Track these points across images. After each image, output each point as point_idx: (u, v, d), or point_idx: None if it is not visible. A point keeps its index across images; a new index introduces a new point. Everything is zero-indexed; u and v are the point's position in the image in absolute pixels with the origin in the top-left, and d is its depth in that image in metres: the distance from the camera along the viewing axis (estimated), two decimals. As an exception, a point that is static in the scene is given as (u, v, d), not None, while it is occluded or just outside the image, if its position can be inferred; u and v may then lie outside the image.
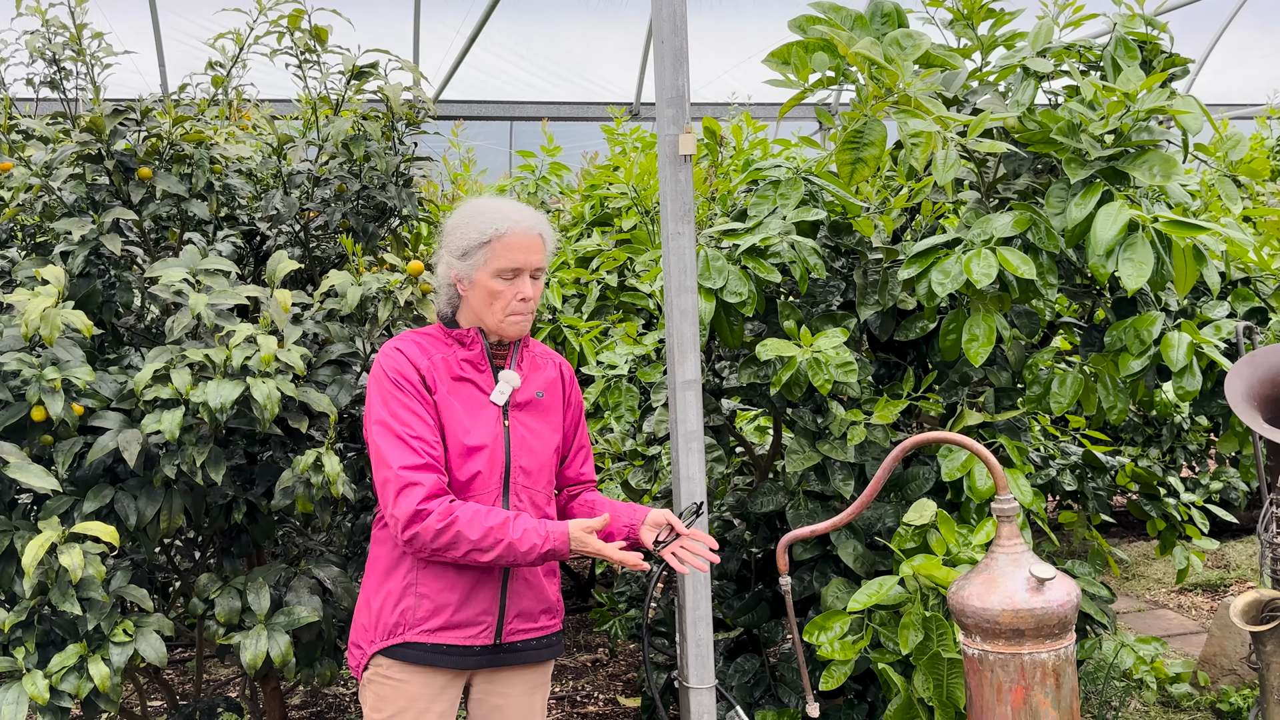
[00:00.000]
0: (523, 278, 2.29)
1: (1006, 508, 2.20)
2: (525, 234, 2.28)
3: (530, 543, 2.16)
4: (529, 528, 2.18)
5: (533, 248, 2.31)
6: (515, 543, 2.16)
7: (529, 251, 2.29)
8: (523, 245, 2.27)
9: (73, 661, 2.27)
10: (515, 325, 2.32)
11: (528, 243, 2.28)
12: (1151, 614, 5.38)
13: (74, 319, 2.33)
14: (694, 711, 2.90)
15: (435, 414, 2.26)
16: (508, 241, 2.26)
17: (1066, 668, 2.12)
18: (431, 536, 2.16)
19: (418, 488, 2.16)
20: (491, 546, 2.15)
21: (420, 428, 2.22)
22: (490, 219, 2.27)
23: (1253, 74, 10.23)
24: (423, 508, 2.15)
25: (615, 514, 2.46)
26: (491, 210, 2.30)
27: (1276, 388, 2.88)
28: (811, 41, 2.67)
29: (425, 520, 2.15)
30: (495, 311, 2.29)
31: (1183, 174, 2.76)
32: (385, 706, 2.28)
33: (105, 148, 2.63)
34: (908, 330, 3.21)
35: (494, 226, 2.27)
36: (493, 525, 2.16)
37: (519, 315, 2.31)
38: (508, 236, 2.26)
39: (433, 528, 2.15)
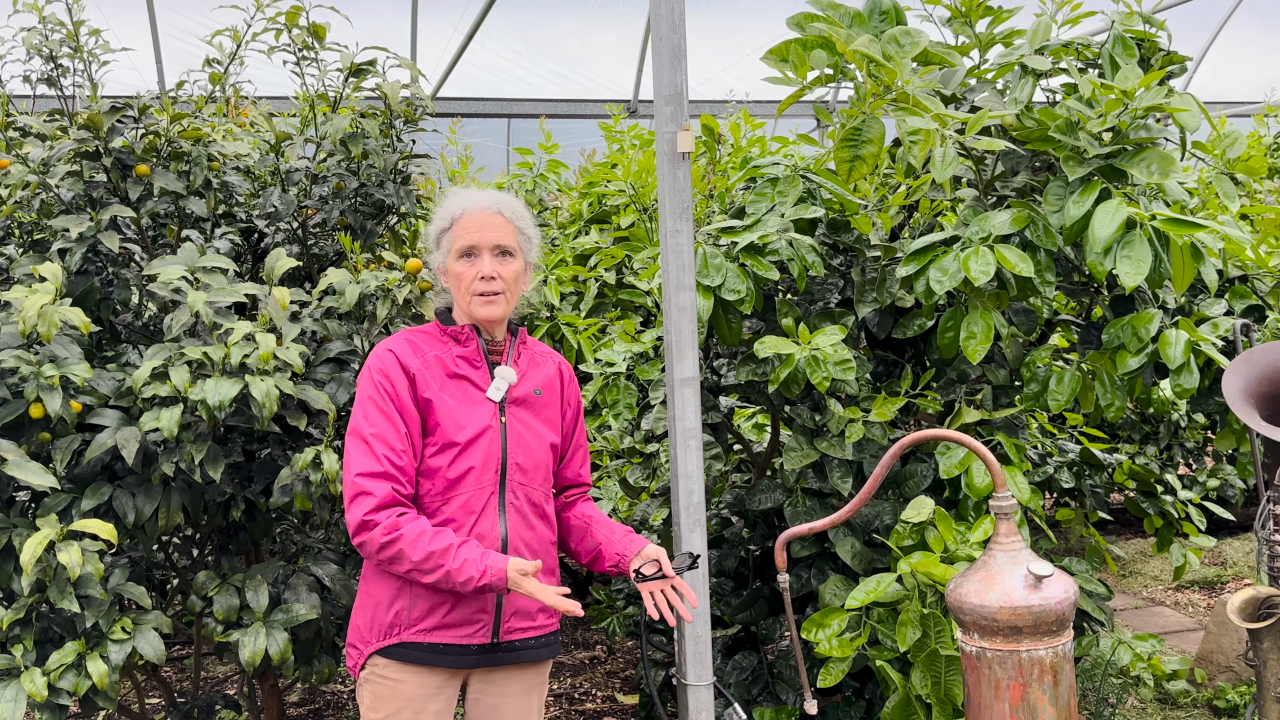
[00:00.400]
0: (481, 256, 2.30)
1: (1004, 505, 2.20)
2: (480, 213, 2.31)
3: (468, 574, 2.14)
4: (470, 559, 2.15)
5: (488, 225, 2.32)
6: (454, 572, 2.14)
7: (484, 230, 2.30)
8: (477, 224, 2.30)
9: (71, 659, 2.27)
10: (484, 307, 2.30)
11: (482, 221, 2.30)
12: (1148, 611, 5.39)
13: (72, 316, 2.32)
14: (692, 708, 2.90)
15: (418, 420, 2.25)
16: (463, 223, 2.30)
17: (1064, 665, 2.13)
18: (377, 548, 2.16)
19: (368, 498, 2.16)
20: (432, 570, 2.15)
21: (389, 435, 2.21)
22: (450, 205, 2.33)
23: (1250, 72, 10.24)
24: (369, 518, 2.16)
25: (609, 539, 2.46)
26: (453, 197, 2.35)
27: (1274, 385, 2.88)
28: (810, 39, 2.67)
29: (371, 531, 2.16)
30: (463, 296, 2.31)
31: (1181, 172, 2.76)
32: (382, 706, 2.28)
33: (103, 145, 2.63)
34: (906, 328, 3.21)
35: (451, 213, 2.32)
36: (434, 550, 2.15)
37: (484, 296, 2.30)
38: (462, 218, 2.30)
39: (378, 540, 2.15)
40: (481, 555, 2.16)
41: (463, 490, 2.25)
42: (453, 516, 2.24)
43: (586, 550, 2.51)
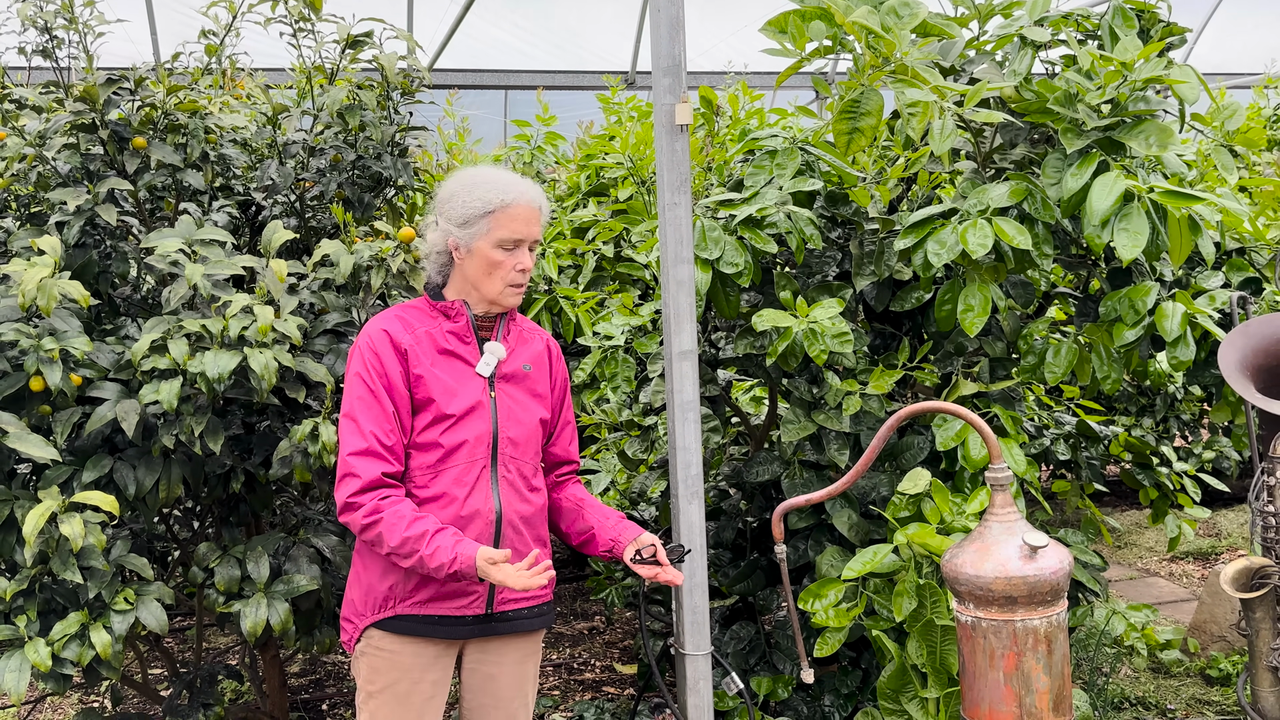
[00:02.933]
0: (523, 249, 2.30)
1: (1000, 476, 2.22)
2: (528, 206, 2.29)
3: (439, 561, 2.15)
4: (441, 547, 2.16)
5: (534, 220, 2.32)
6: (426, 558, 2.16)
7: (530, 224, 2.29)
8: (525, 217, 2.28)
9: (74, 629, 2.28)
10: (513, 296, 2.33)
11: (529, 215, 2.29)
12: (1143, 582, 5.43)
13: (71, 289, 2.33)
14: (690, 677, 2.93)
15: (407, 398, 2.26)
16: (511, 213, 2.27)
17: (1058, 634, 2.15)
18: (359, 530, 2.19)
19: (354, 479, 2.18)
20: (408, 555, 2.17)
21: (377, 414, 2.22)
22: (495, 189, 2.28)
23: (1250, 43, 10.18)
24: (353, 500, 2.18)
25: (602, 524, 2.49)
26: (496, 180, 2.30)
27: (1270, 357, 2.89)
28: (808, 10, 2.66)
29: (353, 513, 2.18)
30: (495, 281, 2.29)
31: (1179, 144, 2.76)
32: (378, 678, 2.30)
33: (99, 117, 2.62)
34: (903, 301, 3.22)
35: (499, 197, 2.27)
36: (410, 536, 2.16)
37: (517, 286, 2.32)
38: (512, 208, 2.27)
39: (359, 522, 2.18)
40: (454, 544, 2.16)
41: (455, 464, 2.26)
42: (445, 490, 2.25)
43: (578, 532, 2.53)
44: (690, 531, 2.89)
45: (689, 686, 2.93)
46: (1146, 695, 3.97)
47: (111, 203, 2.61)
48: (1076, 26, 3.11)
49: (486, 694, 2.39)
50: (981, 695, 2.16)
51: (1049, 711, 2.12)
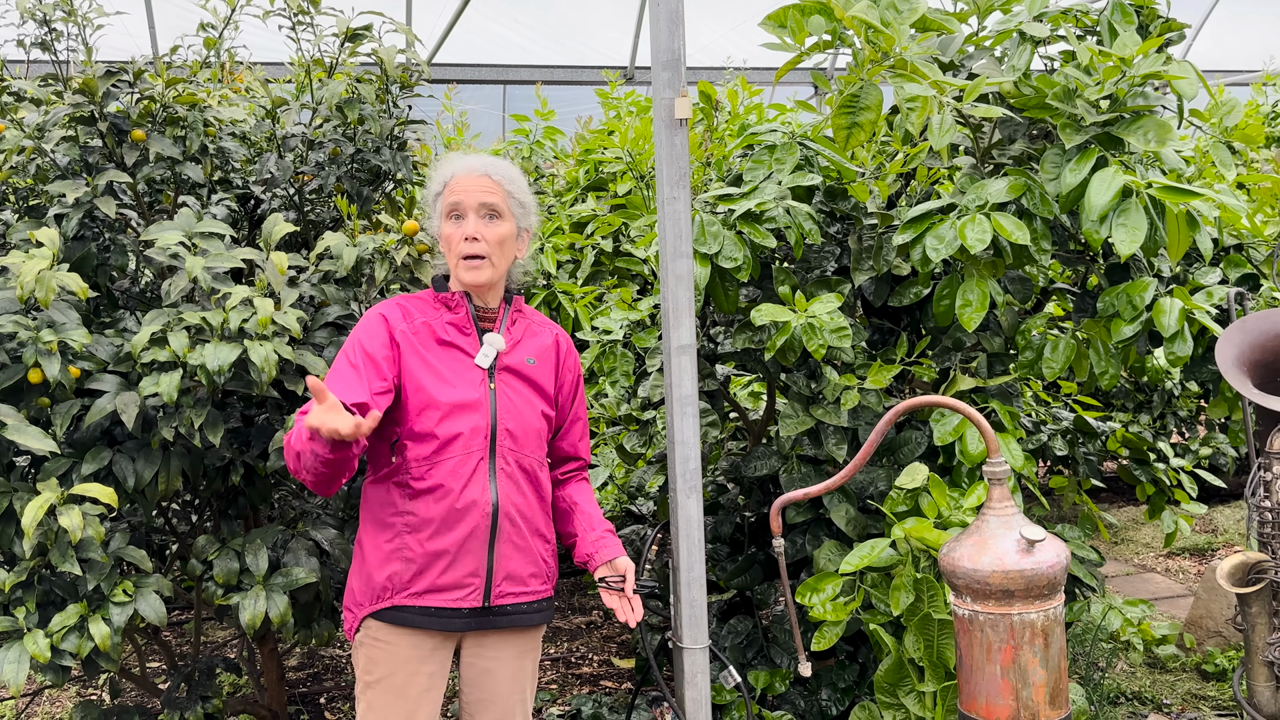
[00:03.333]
0: (467, 216, 2.30)
1: (997, 471, 2.22)
2: (469, 174, 2.32)
3: (295, 432, 2.08)
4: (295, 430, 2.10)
5: (476, 187, 2.32)
6: (290, 440, 2.09)
7: (470, 192, 2.30)
8: (465, 186, 2.31)
9: (73, 621, 2.29)
10: (469, 271, 2.30)
11: (470, 183, 2.31)
12: (1139, 577, 5.44)
13: (69, 281, 2.33)
14: (687, 671, 2.94)
15: (388, 380, 2.23)
16: (452, 185, 2.32)
17: (1055, 628, 2.15)
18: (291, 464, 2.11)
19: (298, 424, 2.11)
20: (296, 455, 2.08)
21: (346, 381, 2.18)
22: (443, 170, 2.35)
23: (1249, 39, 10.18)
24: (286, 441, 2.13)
25: (585, 536, 2.51)
26: (446, 162, 2.36)
27: (1267, 353, 2.90)
28: (808, 4, 2.66)
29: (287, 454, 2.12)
30: (452, 259, 2.32)
31: (1177, 140, 2.76)
32: (376, 669, 2.30)
33: (98, 110, 2.61)
34: (901, 296, 3.22)
35: (444, 176, 2.34)
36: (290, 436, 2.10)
37: (469, 260, 2.30)
38: (453, 180, 2.32)
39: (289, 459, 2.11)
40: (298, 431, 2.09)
41: (451, 455, 2.25)
42: (442, 482, 2.25)
43: (565, 535, 2.56)
44: (688, 525, 2.90)
45: (686, 680, 2.94)
46: (1143, 690, 3.98)
47: (110, 195, 2.61)
48: (1075, 22, 3.11)
49: (483, 688, 2.39)
50: (979, 688, 2.17)
51: (1046, 704, 2.13)
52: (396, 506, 2.26)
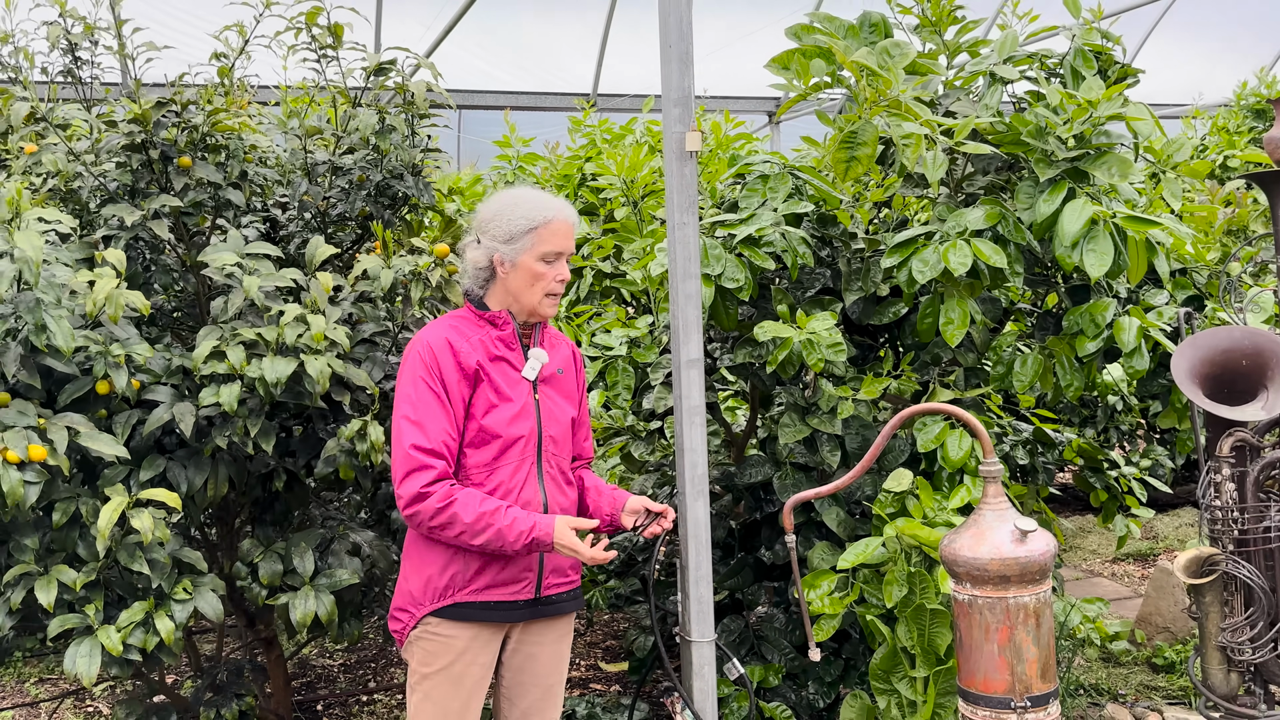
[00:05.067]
0: (561, 261, 2.52)
1: (992, 470, 2.48)
2: (565, 222, 2.51)
3: (518, 530, 2.37)
4: (519, 516, 2.39)
5: (570, 235, 2.56)
6: (504, 529, 2.36)
7: (568, 238, 2.52)
8: (564, 232, 2.50)
9: (139, 617, 2.43)
10: (551, 305, 2.54)
11: (567, 230, 2.52)
12: (1088, 581, 5.77)
13: (134, 299, 2.48)
14: (695, 663, 3.15)
15: (464, 405, 2.45)
16: (552, 228, 2.49)
17: (1045, 610, 2.41)
18: (430, 515, 2.36)
19: (426, 471, 2.36)
20: (483, 530, 2.36)
21: (440, 416, 2.40)
22: (537, 207, 2.50)
23: (1177, 76, 10.77)
24: (426, 490, 2.36)
25: (598, 503, 2.74)
26: (537, 199, 2.52)
27: (1215, 366, 3.21)
28: (809, 49, 2.92)
29: (425, 501, 2.36)
30: (535, 292, 2.50)
31: (1137, 174, 3.07)
32: (435, 660, 2.49)
33: (150, 137, 2.78)
34: (882, 315, 3.49)
35: (542, 214, 2.49)
36: (485, 510, 2.37)
37: (554, 296, 2.53)
38: (553, 223, 2.49)
39: (432, 507, 2.36)
40: (529, 514, 2.39)
41: (508, 461, 2.47)
42: (499, 484, 2.45)
43: (580, 510, 2.77)
44: (696, 526, 3.11)
45: (695, 671, 3.15)
46: (1099, 682, 4.28)
47: (160, 219, 2.77)
48: (1041, 65, 3.42)
49: (527, 672, 2.60)
50: (978, 666, 2.41)
51: (1038, 679, 2.38)
52: None
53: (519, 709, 2.67)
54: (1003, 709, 2.38)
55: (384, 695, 4.57)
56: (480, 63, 9.19)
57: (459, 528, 2.36)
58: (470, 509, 2.35)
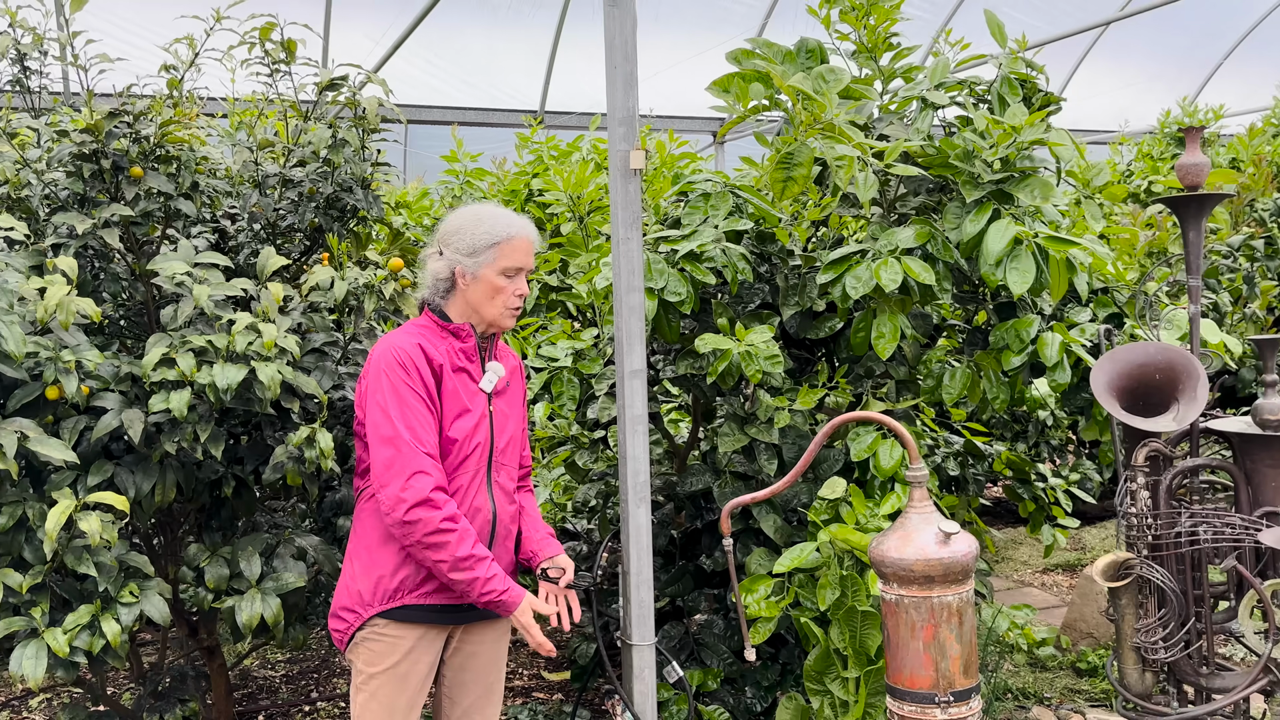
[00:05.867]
0: (521, 277, 2.62)
1: (918, 475, 2.61)
2: (527, 239, 2.62)
3: (491, 588, 2.46)
4: (497, 574, 2.48)
5: (531, 251, 2.66)
6: (481, 580, 2.44)
7: (529, 255, 2.62)
8: (525, 249, 2.60)
9: (86, 620, 2.46)
10: (509, 318, 2.63)
11: (528, 247, 2.62)
12: (1019, 591, 5.95)
13: (84, 306, 2.52)
14: (636, 665, 3.23)
15: (439, 410, 2.52)
16: (515, 244, 2.59)
17: (967, 609, 2.54)
18: (430, 528, 2.40)
19: (427, 477, 2.42)
20: (464, 570, 2.43)
21: (429, 421, 2.48)
22: (500, 223, 2.59)
23: (1105, 104, 11.15)
24: (434, 497, 2.41)
25: (529, 536, 2.82)
26: (500, 216, 2.62)
27: (1132, 380, 3.37)
28: (748, 73, 3.04)
29: (434, 510, 2.40)
30: (496, 305, 2.59)
31: (1058, 196, 3.23)
32: (382, 660, 2.55)
33: (102, 147, 2.82)
34: (818, 329, 3.62)
35: (505, 231, 2.59)
36: (475, 554, 2.44)
37: (513, 309, 2.62)
38: (515, 240, 2.59)
39: (435, 521, 2.40)
40: (505, 577, 2.49)
41: (465, 470, 2.55)
42: (454, 490, 2.52)
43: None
44: (638, 532, 3.21)
45: (635, 674, 3.23)
46: (1026, 686, 4.43)
47: (111, 227, 2.81)
48: (970, 92, 3.58)
49: (468, 671, 2.68)
50: (904, 663, 2.53)
51: (960, 674, 2.50)
52: None
53: (460, 707, 2.74)
54: (927, 704, 2.50)
55: (326, 704, 4.58)
56: (428, 78, 9.25)
57: (445, 554, 2.41)
58: (466, 545, 2.42)
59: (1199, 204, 3.22)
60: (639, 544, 3.20)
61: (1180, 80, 11.46)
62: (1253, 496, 3.16)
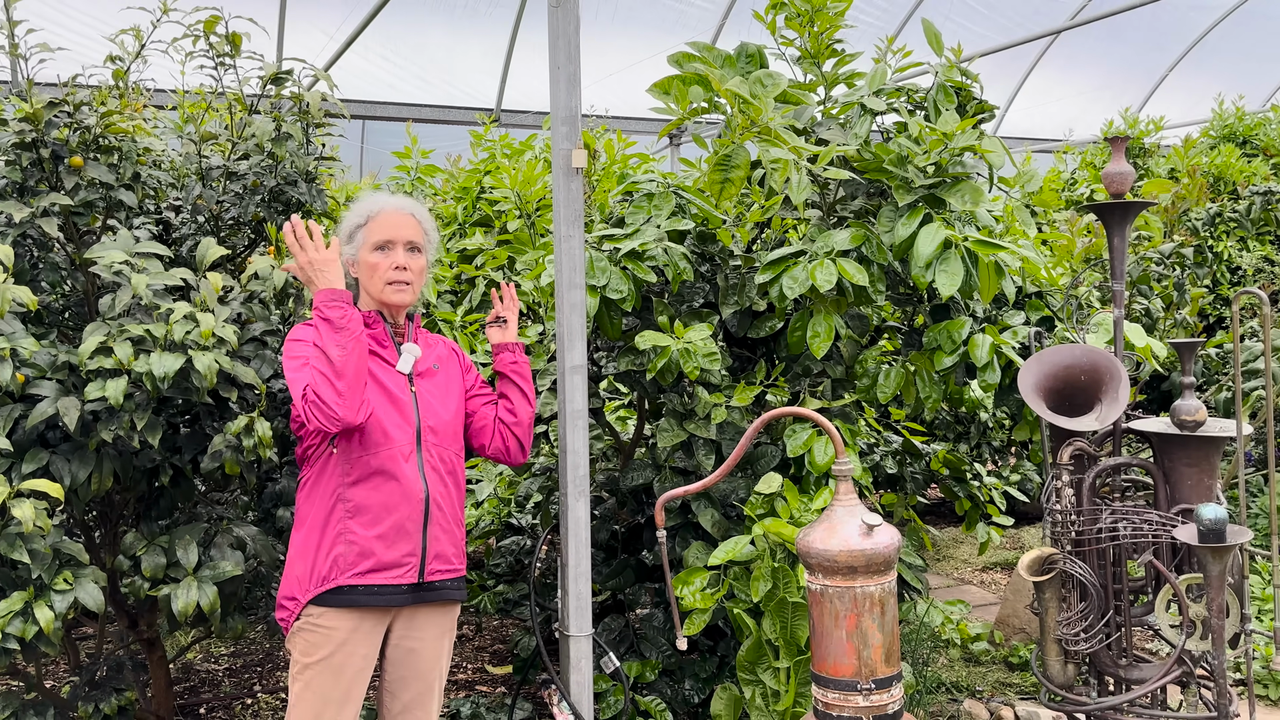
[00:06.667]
0: (396, 249, 2.69)
1: (844, 469, 2.68)
2: (396, 211, 2.72)
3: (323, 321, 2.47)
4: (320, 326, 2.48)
5: (403, 224, 2.72)
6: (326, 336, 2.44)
7: (399, 227, 2.70)
8: (392, 222, 2.70)
9: (18, 607, 2.47)
10: (396, 293, 2.69)
11: (398, 219, 2.71)
12: (958, 588, 6.07)
13: (20, 294, 2.53)
14: (573, 657, 3.29)
15: None
16: (380, 220, 2.69)
17: (889, 599, 2.62)
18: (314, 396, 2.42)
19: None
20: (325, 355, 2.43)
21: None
22: (367, 204, 2.73)
23: (1054, 113, 11.38)
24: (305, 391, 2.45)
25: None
26: (369, 198, 2.75)
27: (1058, 381, 3.48)
28: (688, 76, 3.11)
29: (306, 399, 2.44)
30: (376, 282, 2.68)
31: (989, 201, 3.33)
32: (316, 651, 2.58)
33: (41, 136, 2.82)
34: (759, 328, 3.69)
35: (367, 210, 2.72)
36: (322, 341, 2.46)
37: (396, 284, 2.69)
38: (380, 215, 2.70)
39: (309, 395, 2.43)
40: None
41: (387, 447, 2.58)
42: (381, 468, 2.57)
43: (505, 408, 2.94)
44: (577, 526, 3.26)
45: (572, 665, 3.29)
46: (959, 680, 4.54)
47: (51, 216, 2.81)
48: (908, 98, 3.67)
49: (408, 666, 2.70)
50: (828, 651, 2.60)
51: (882, 663, 2.58)
52: (339, 496, 2.55)
53: (400, 701, 2.77)
54: (850, 691, 2.57)
55: (269, 696, 4.59)
56: (385, 74, 9.24)
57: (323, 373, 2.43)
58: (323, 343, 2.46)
59: (1123, 211, 3.33)
60: (578, 537, 3.26)
61: (1126, 91, 11.71)
62: (1170, 494, 3.27)
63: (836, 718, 2.58)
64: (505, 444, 2.89)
